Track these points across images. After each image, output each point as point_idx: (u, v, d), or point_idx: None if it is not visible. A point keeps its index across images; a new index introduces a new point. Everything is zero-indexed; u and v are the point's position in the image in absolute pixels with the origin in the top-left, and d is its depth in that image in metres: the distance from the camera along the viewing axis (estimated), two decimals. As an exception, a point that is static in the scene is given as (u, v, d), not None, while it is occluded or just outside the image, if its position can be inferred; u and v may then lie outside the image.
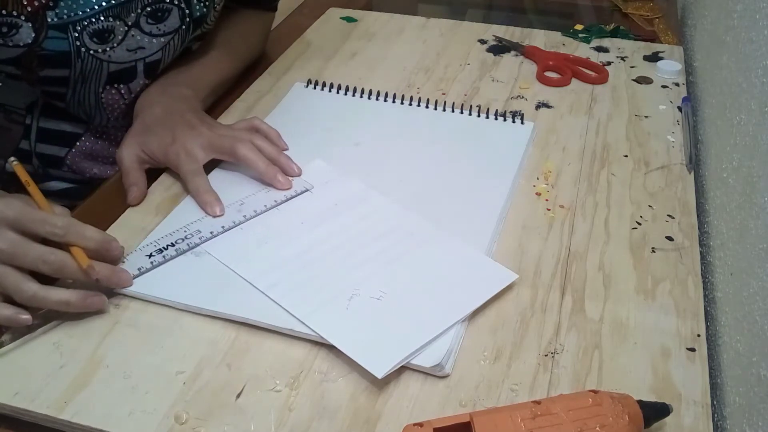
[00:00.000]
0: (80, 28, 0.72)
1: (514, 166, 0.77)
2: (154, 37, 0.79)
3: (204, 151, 0.73)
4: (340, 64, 0.99)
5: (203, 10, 0.81)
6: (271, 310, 0.59)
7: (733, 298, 0.60)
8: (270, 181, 0.72)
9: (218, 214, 0.68)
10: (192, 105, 0.79)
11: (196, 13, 0.81)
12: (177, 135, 0.73)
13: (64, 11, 0.71)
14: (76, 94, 0.78)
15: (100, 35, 0.74)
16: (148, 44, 0.79)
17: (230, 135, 0.74)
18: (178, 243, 0.65)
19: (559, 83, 0.94)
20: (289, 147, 0.78)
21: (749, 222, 0.59)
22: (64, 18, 0.71)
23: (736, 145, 0.68)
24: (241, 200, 0.70)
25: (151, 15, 0.77)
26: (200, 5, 0.81)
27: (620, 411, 0.48)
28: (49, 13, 0.70)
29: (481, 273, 0.63)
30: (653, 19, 1.15)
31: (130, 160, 0.73)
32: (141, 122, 0.77)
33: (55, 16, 0.70)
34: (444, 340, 0.56)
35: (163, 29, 0.79)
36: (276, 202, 0.70)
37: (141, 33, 0.77)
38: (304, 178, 0.74)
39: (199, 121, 0.75)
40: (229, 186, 0.72)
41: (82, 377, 0.54)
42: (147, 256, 0.63)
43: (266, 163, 0.72)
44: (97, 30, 0.73)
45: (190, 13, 0.80)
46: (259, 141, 0.74)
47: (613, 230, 0.69)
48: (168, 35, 0.80)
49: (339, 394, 0.54)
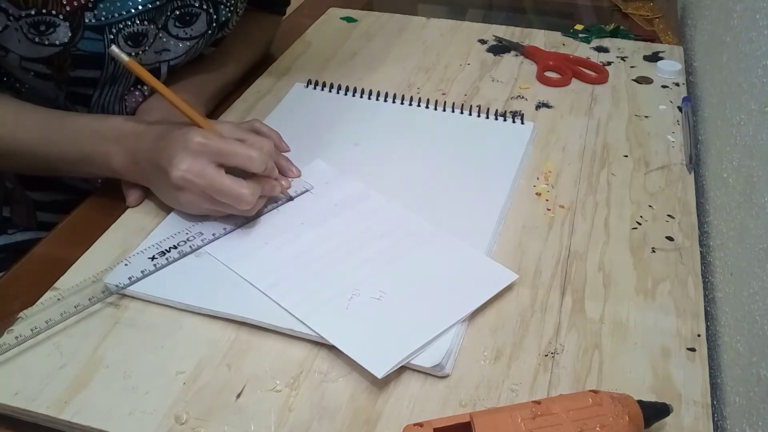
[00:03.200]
0: (116, 30, 0.72)
1: (514, 166, 0.77)
2: (181, 40, 0.79)
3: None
4: (340, 64, 0.99)
5: (228, 15, 0.81)
6: (271, 310, 0.59)
7: (733, 298, 0.60)
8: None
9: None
10: None
11: (222, 17, 0.81)
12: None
13: (102, 13, 0.70)
14: (102, 96, 0.78)
15: (135, 39, 0.74)
16: (174, 47, 0.79)
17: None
18: (181, 245, 0.65)
19: (559, 83, 0.94)
20: (290, 149, 0.78)
21: (749, 222, 0.59)
22: (102, 20, 0.71)
23: (736, 145, 0.68)
24: None
25: (179, 18, 0.77)
26: (226, 10, 0.81)
27: (620, 411, 0.48)
28: (87, 14, 0.70)
29: (481, 273, 0.63)
30: (653, 19, 1.15)
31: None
32: None
33: (93, 17, 0.70)
34: (444, 340, 0.56)
35: (190, 33, 0.79)
36: (276, 203, 0.70)
37: (168, 35, 0.77)
38: (303, 178, 0.74)
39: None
40: None
41: (82, 377, 0.54)
42: (150, 259, 0.63)
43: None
44: (132, 33, 0.73)
45: (216, 18, 0.80)
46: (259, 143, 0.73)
47: (613, 230, 0.69)
48: (194, 39, 0.80)
49: (339, 394, 0.54)
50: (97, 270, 0.62)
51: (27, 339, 0.57)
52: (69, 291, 0.60)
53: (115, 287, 0.60)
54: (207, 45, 0.83)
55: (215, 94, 0.86)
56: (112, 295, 0.61)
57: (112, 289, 0.61)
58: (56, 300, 0.59)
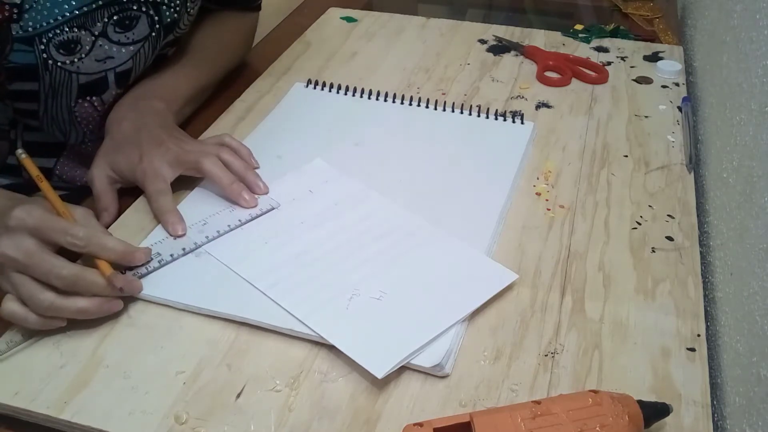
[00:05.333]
0: (46, 40, 0.70)
1: (514, 166, 0.77)
2: (123, 45, 0.76)
3: (171, 167, 0.70)
4: (340, 64, 0.99)
5: (174, 16, 0.79)
6: (271, 310, 0.59)
7: (733, 298, 0.60)
8: (234, 198, 0.70)
9: (179, 234, 0.66)
10: (162, 119, 0.76)
11: (166, 19, 0.78)
12: (144, 152, 0.71)
13: (29, 23, 0.69)
14: (48, 110, 0.76)
15: (66, 46, 0.72)
16: (117, 53, 0.76)
17: (197, 150, 0.71)
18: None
19: (559, 83, 0.94)
20: (259, 165, 0.76)
21: (749, 222, 0.59)
22: (29, 30, 0.69)
23: (736, 145, 0.68)
24: (204, 220, 0.68)
25: (118, 23, 0.75)
26: (170, 11, 0.78)
27: (620, 411, 0.48)
28: (13, 26, 0.68)
29: (481, 273, 0.63)
30: (653, 19, 1.15)
31: (100, 182, 0.71)
32: (110, 139, 0.74)
33: (20, 29, 0.69)
34: (444, 340, 0.56)
35: (131, 37, 0.76)
36: (240, 221, 0.68)
37: (109, 42, 0.75)
38: (271, 195, 0.72)
39: (167, 137, 0.72)
40: (201, 205, 0.70)
41: (82, 377, 0.54)
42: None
43: (231, 179, 0.70)
44: (62, 41, 0.71)
45: (159, 20, 0.78)
46: (226, 156, 0.72)
47: (613, 230, 0.69)
48: (137, 43, 0.77)
49: (339, 394, 0.54)
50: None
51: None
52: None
53: None
54: (158, 48, 0.81)
55: (189, 99, 0.84)
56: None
57: None
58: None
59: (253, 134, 0.82)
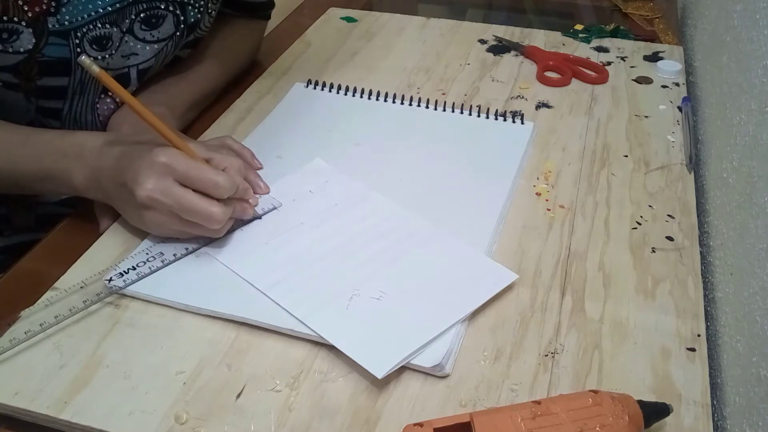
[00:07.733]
0: (80, 34, 0.71)
1: (514, 166, 0.77)
2: (148, 43, 0.77)
3: None
4: (340, 64, 0.99)
5: (197, 16, 0.80)
6: (271, 310, 0.59)
7: (733, 298, 0.60)
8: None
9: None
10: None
11: (190, 19, 0.80)
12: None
13: (65, 17, 0.70)
14: (73, 108, 0.76)
15: (99, 42, 0.73)
16: (141, 50, 0.77)
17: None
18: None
19: (559, 83, 0.94)
20: (262, 166, 0.76)
21: (749, 222, 0.59)
22: (65, 24, 0.70)
23: (736, 145, 0.68)
24: None
25: (145, 21, 0.76)
26: (194, 11, 0.80)
27: (620, 411, 0.48)
28: (50, 19, 0.69)
29: (481, 273, 0.63)
30: (653, 19, 1.15)
31: None
32: None
33: (57, 22, 0.69)
34: (444, 340, 0.56)
35: (156, 36, 0.78)
36: (242, 222, 0.68)
37: (134, 39, 0.76)
38: (272, 195, 0.71)
39: None
40: None
41: (82, 377, 0.54)
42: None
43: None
44: (96, 37, 0.72)
45: (184, 20, 0.79)
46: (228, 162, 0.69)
47: (613, 230, 0.69)
48: (161, 42, 0.78)
49: (339, 394, 0.54)
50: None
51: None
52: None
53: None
54: (179, 47, 0.82)
55: (192, 105, 0.84)
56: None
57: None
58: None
59: (254, 134, 0.82)
